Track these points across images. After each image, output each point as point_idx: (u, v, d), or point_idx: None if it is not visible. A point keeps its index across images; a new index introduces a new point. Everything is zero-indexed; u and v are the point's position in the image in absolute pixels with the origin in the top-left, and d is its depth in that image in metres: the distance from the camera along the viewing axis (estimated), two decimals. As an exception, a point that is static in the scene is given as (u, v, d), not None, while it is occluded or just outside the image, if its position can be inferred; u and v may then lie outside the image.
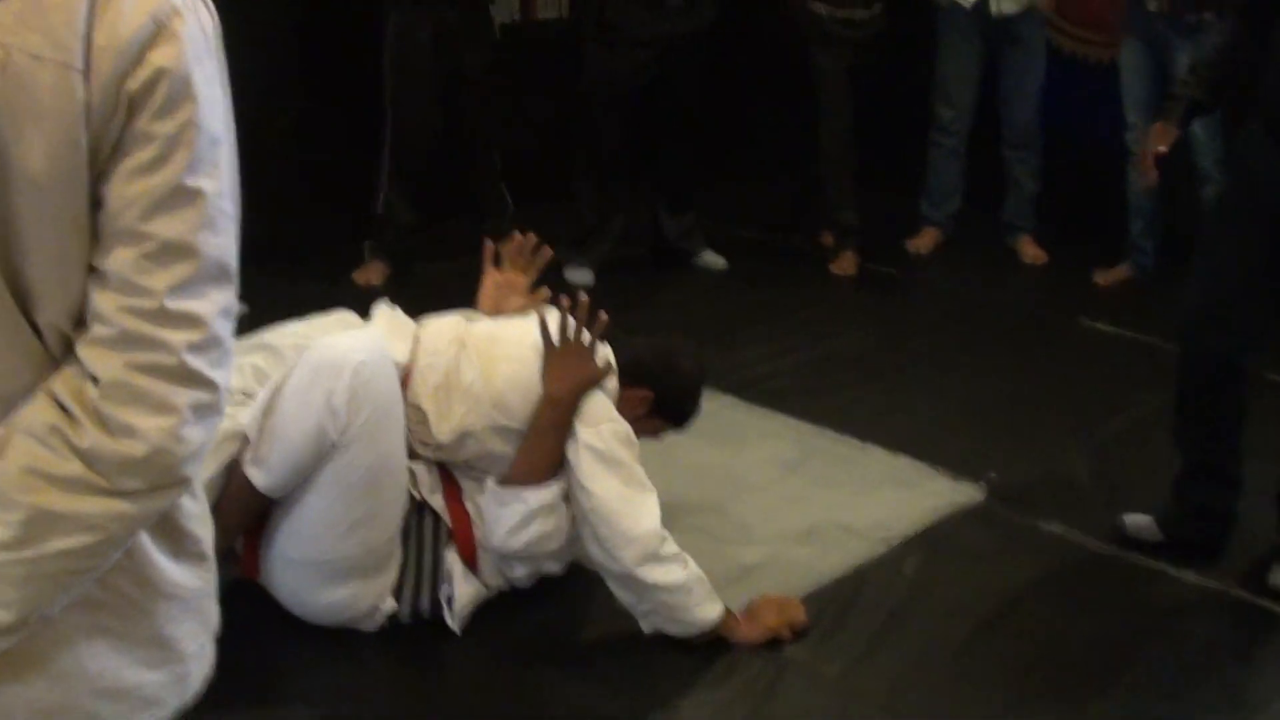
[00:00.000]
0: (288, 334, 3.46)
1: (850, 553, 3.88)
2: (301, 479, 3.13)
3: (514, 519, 3.31)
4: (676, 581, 3.29)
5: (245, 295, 3.77)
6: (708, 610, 3.34)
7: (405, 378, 3.36)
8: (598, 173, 6.23)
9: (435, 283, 5.30)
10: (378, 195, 5.93)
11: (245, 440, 3.15)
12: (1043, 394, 5.14)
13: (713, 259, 6.52)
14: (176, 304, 1.35)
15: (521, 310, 3.71)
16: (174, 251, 1.35)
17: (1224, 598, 3.71)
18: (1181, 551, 3.76)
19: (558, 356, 3.36)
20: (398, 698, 3.26)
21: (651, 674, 3.33)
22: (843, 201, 6.52)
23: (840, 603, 3.64)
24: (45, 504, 1.33)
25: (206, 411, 1.39)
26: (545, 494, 3.31)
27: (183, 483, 1.39)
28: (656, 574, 3.27)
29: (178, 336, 1.35)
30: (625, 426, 3.41)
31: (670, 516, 3.49)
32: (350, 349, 3.13)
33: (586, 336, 3.37)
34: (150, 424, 1.34)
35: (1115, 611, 3.66)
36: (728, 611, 3.38)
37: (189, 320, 1.36)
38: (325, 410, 3.05)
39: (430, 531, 3.39)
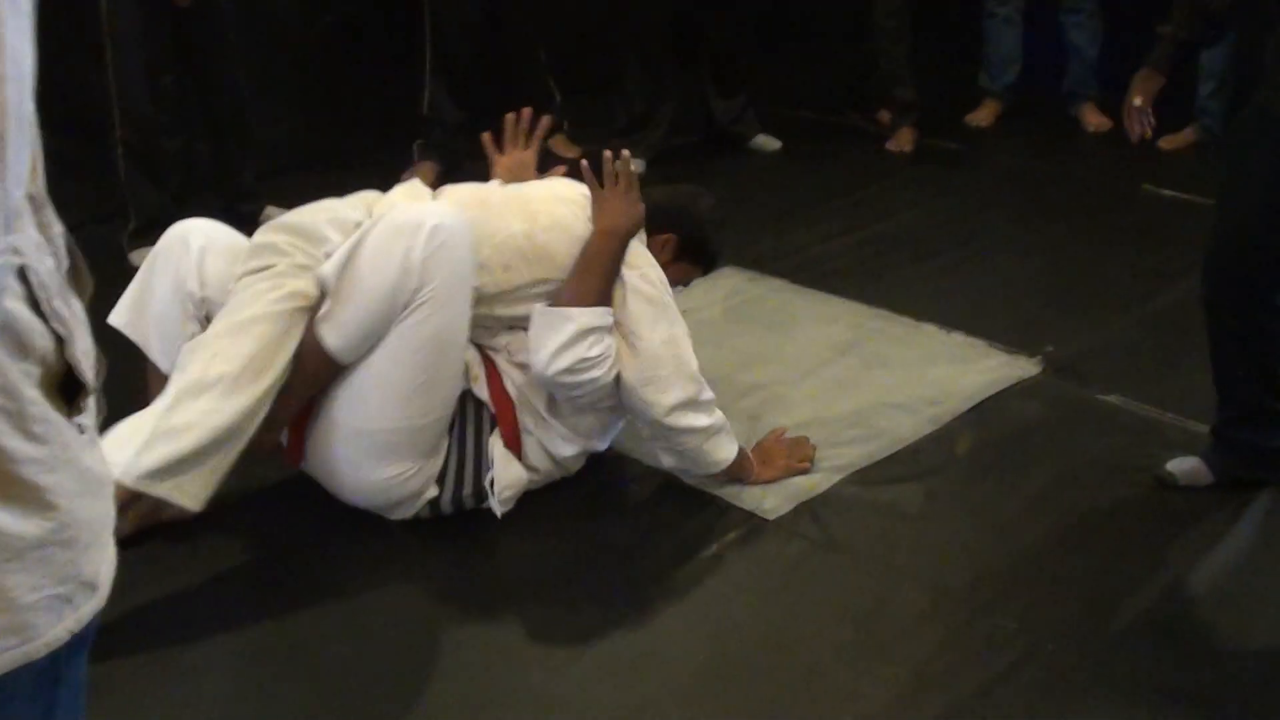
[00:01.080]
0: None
1: (901, 430, 3.83)
2: (370, 342, 3.12)
3: (561, 338, 3.26)
4: (708, 425, 3.38)
5: (294, 200, 3.79)
6: (729, 450, 3.45)
7: None
8: (645, 60, 6.15)
9: (485, 179, 5.24)
10: (423, 95, 5.88)
11: (313, 310, 3.15)
12: (1103, 264, 5.06)
13: (767, 141, 6.45)
14: None
15: None
16: None
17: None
18: (1233, 488, 3.53)
19: (606, 197, 3.40)
20: (438, 582, 3.24)
21: (683, 554, 3.31)
22: (899, 77, 6.42)
23: (889, 480, 3.60)
24: None
25: None
26: (594, 315, 3.28)
27: None
28: (691, 419, 3.35)
29: None
30: (663, 273, 3.45)
31: (719, 404, 3.44)
32: (431, 212, 3.13)
33: (634, 176, 3.42)
34: None
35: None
36: (742, 451, 3.47)
37: None
38: (401, 268, 3.05)
39: (473, 418, 3.36)
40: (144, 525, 3.27)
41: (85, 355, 1.45)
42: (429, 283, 3.08)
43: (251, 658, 2.94)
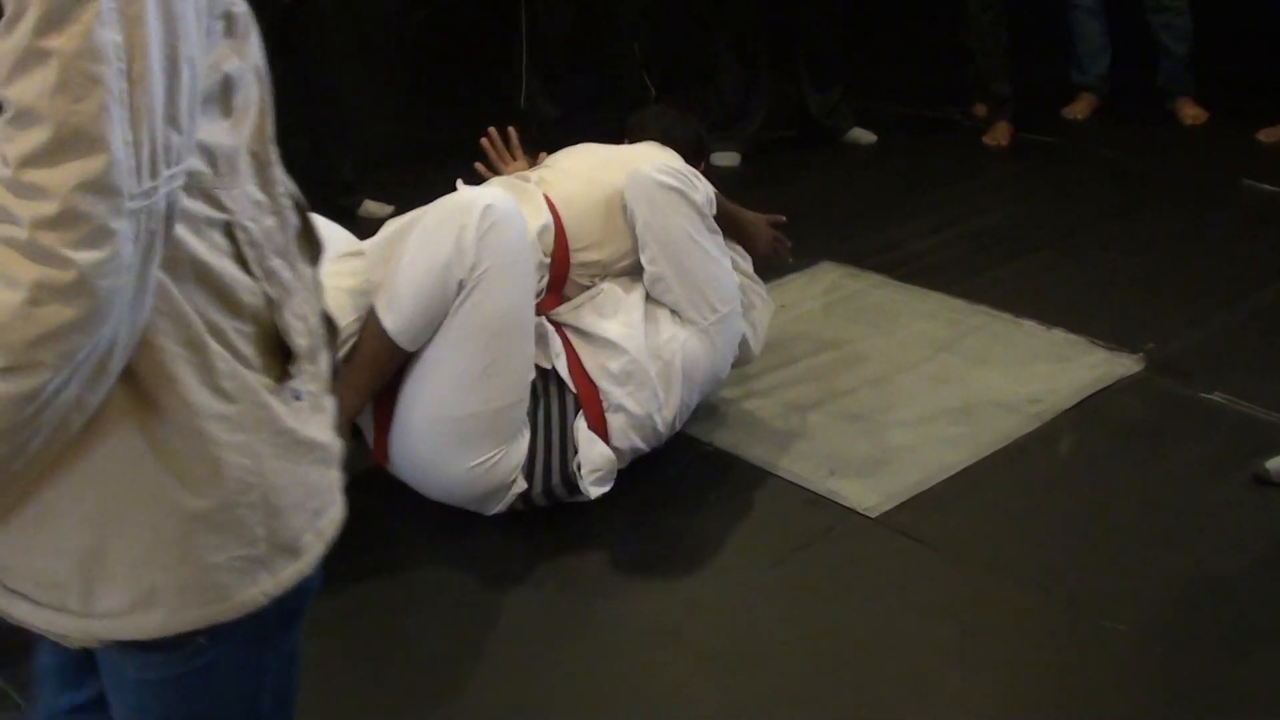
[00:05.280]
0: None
1: (1004, 428, 3.80)
2: (430, 328, 3.14)
3: (678, 164, 3.56)
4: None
5: (393, 194, 3.81)
6: None
7: (559, 234, 3.46)
8: (739, 53, 6.14)
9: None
10: (519, 90, 5.90)
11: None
12: (1204, 260, 5.00)
13: (862, 135, 6.42)
14: (27, 174, 1.22)
15: None
16: (26, 118, 1.22)
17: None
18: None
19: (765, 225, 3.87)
20: (529, 580, 3.24)
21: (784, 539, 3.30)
22: (994, 71, 6.38)
23: (993, 480, 3.57)
24: None
25: (64, 293, 1.23)
26: (710, 190, 3.56)
27: (40, 366, 1.25)
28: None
29: (27, 210, 1.22)
30: None
31: (819, 399, 3.42)
32: (480, 195, 3.16)
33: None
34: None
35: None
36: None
37: (38, 192, 1.22)
38: (454, 248, 3.06)
39: (557, 403, 3.37)
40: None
41: (299, 319, 1.45)
42: (483, 262, 3.09)
43: (342, 655, 2.96)
